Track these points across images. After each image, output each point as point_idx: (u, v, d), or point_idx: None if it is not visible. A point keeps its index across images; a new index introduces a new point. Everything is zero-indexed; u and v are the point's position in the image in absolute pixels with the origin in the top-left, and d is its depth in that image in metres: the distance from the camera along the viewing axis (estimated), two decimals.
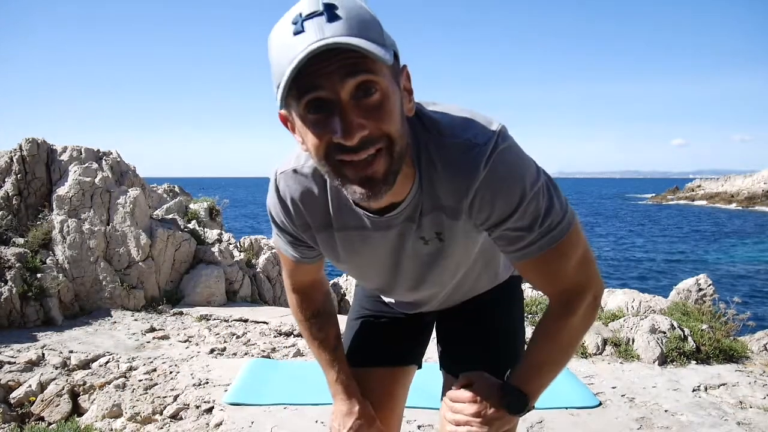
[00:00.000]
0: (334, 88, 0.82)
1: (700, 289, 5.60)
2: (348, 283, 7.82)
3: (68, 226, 5.65)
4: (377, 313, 1.48)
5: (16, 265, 5.06)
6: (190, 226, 6.84)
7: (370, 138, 0.84)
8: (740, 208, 47.48)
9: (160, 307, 5.66)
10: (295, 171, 1.08)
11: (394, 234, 1.09)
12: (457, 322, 1.40)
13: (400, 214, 1.04)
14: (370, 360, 1.42)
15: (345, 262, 1.20)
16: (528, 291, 6.90)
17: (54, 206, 5.83)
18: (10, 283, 4.90)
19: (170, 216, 6.87)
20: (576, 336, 1.12)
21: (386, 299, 1.44)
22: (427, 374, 1.73)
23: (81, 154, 6.22)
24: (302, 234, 1.15)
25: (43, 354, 4.06)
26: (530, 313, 4.83)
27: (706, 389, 3.36)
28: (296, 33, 0.81)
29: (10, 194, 5.86)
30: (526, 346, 1.18)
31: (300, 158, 1.08)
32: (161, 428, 3.02)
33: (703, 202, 54.15)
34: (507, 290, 1.39)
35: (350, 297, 7.15)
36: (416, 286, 1.24)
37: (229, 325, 5.14)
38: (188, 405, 3.19)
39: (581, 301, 1.07)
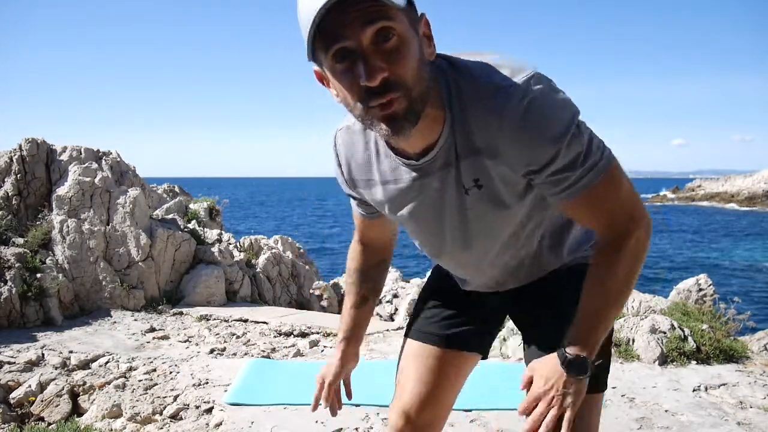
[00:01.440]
0: (356, 37, 0.89)
1: (701, 289, 5.60)
2: None
3: (68, 226, 5.65)
4: (443, 290, 1.46)
5: (16, 265, 5.06)
6: (190, 226, 6.83)
7: (389, 82, 0.91)
8: (740, 208, 47.48)
9: (160, 307, 5.66)
10: (348, 127, 1.18)
11: (434, 185, 1.11)
12: (530, 313, 1.35)
13: (436, 157, 1.07)
14: (424, 336, 1.43)
15: (396, 219, 1.25)
16: None
17: (54, 206, 5.83)
18: (9, 283, 4.90)
19: (170, 216, 6.87)
20: (626, 277, 1.08)
21: (449, 270, 1.39)
22: None
23: (81, 154, 6.22)
24: (353, 190, 1.25)
25: (43, 354, 4.05)
26: None
27: (706, 389, 3.36)
28: None
29: (9, 194, 5.86)
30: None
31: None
32: (161, 428, 3.01)
33: (704, 202, 54.15)
34: (580, 277, 1.23)
35: None
36: (465, 244, 1.21)
37: (229, 325, 5.14)
38: (188, 405, 3.18)
39: (631, 234, 1.06)
